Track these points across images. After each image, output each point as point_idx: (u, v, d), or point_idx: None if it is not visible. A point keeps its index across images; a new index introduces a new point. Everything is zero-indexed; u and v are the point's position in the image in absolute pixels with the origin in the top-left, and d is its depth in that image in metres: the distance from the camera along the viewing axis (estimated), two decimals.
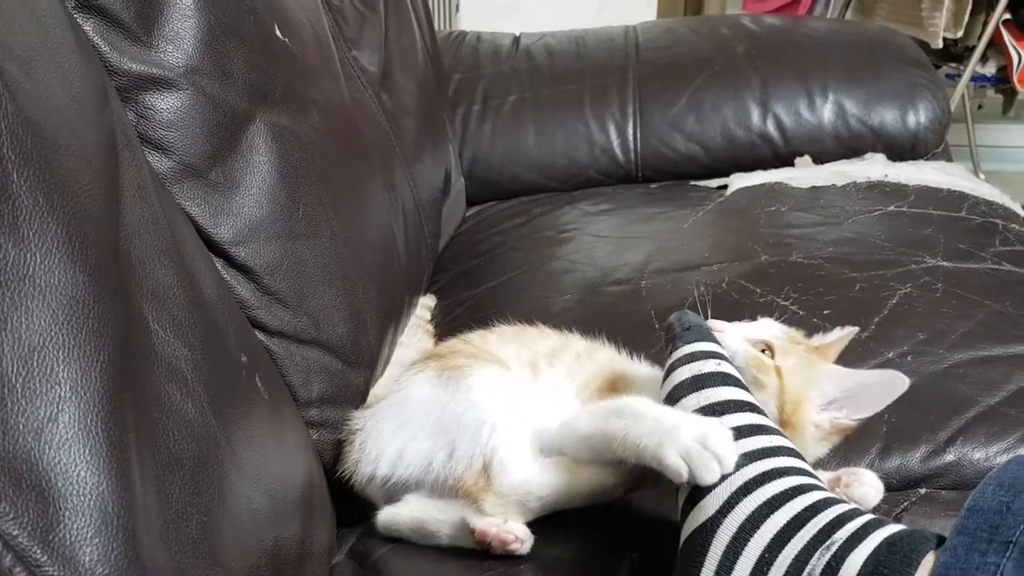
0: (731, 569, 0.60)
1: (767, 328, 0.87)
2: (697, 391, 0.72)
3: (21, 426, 0.46)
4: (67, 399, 0.49)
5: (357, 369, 0.96)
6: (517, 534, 0.75)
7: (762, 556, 0.59)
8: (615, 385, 0.86)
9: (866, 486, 0.76)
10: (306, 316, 0.88)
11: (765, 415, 0.71)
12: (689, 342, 0.78)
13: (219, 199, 0.81)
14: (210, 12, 0.82)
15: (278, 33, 0.94)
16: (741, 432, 0.67)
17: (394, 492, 0.86)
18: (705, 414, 0.70)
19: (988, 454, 0.88)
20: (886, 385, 0.82)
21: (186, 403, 0.60)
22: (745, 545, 0.61)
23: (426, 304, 1.27)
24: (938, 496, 0.84)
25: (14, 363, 0.47)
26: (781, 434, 0.70)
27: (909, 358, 0.97)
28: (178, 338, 0.62)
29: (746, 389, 0.73)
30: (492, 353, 0.91)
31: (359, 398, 0.96)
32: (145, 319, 0.60)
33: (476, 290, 1.27)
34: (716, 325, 0.83)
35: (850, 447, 0.90)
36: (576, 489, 0.78)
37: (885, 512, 0.81)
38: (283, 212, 0.87)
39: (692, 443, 0.67)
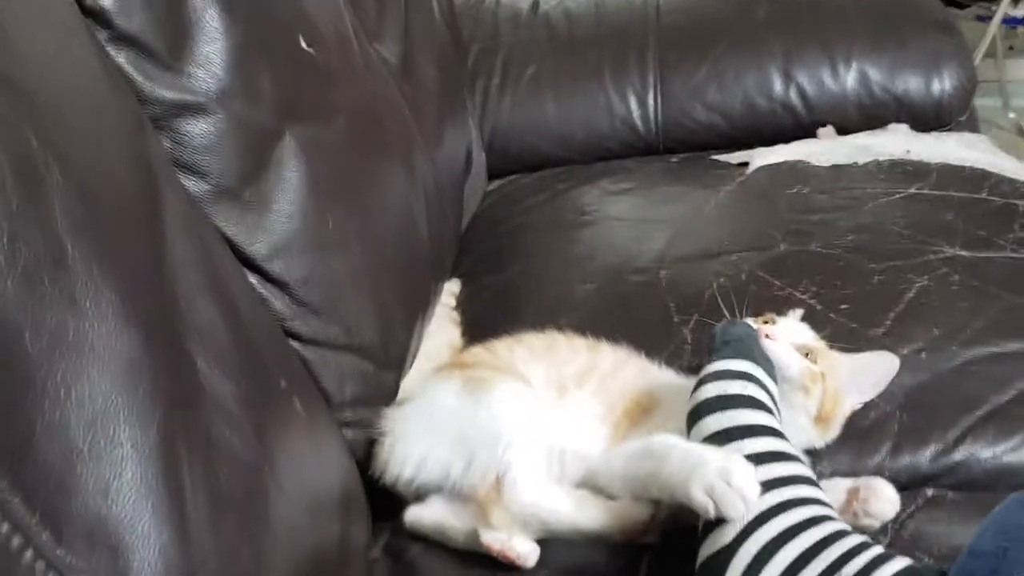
0: None
1: (803, 330, 0.92)
2: (721, 411, 0.75)
3: (90, 487, 0.50)
4: (128, 457, 0.52)
5: (388, 369, 1.00)
6: (519, 551, 0.80)
7: None
8: (640, 402, 0.89)
9: (883, 501, 0.80)
10: (338, 324, 0.92)
11: (784, 439, 0.74)
12: (723, 358, 0.81)
13: (253, 217, 0.84)
14: (237, 31, 0.84)
15: (303, 44, 0.96)
16: (761, 459, 0.71)
17: (420, 493, 0.91)
18: (726, 437, 0.73)
19: (995, 453, 0.91)
20: (881, 366, 0.93)
21: (234, 439, 0.64)
22: (759, 574, 0.64)
23: (451, 290, 1.30)
24: (945, 498, 0.87)
25: (80, 430, 0.51)
26: (799, 460, 0.73)
27: (923, 355, 1.00)
28: (224, 374, 0.66)
29: (769, 411, 0.76)
30: (518, 369, 0.94)
31: (390, 395, 1.01)
32: (193, 360, 0.64)
33: (499, 275, 1.30)
34: (770, 335, 0.87)
35: (863, 446, 0.93)
36: (581, 525, 0.82)
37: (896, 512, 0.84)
38: (313, 225, 0.90)
39: (717, 480, 0.70)
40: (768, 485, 0.69)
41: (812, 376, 0.86)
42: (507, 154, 1.75)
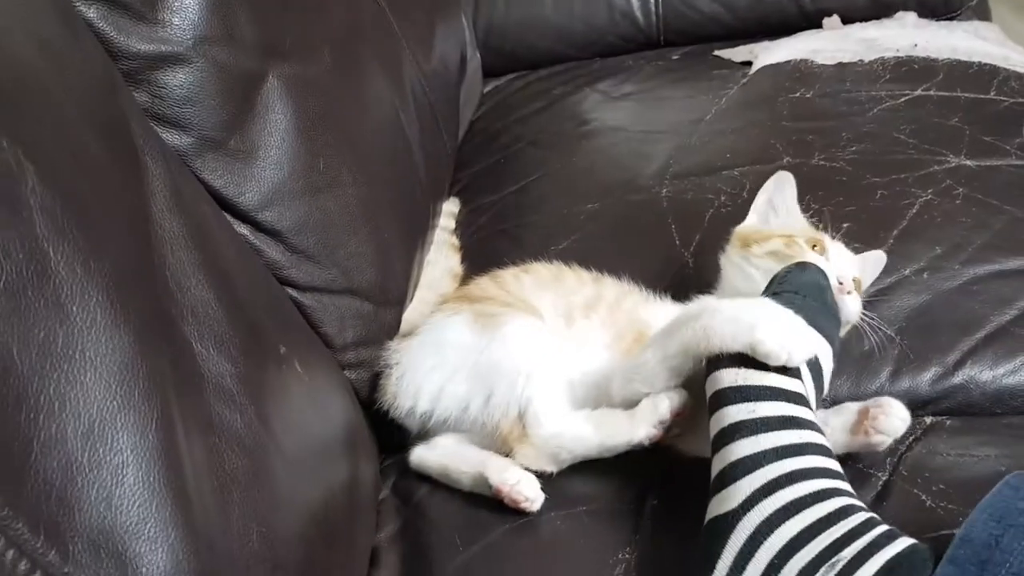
0: (742, 570, 0.65)
1: (848, 256, 0.94)
2: (738, 366, 0.75)
3: (92, 498, 0.51)
4: (128, 463, 0.53)
5: (388, 307, 1.00)
6: (527, 495, 0.81)
7: (771, 562, 0.64)
8: (645, 334, 0.89)
9: (892, 417, 0.80)
10: (335, 267, 0.91)
11: (803, 403, 0.74)
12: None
13: (241, 167, 0.82)
14: None
15: None
16: (770, 425, 0.70)
17: (432, 427, 0.92)
18: (740, 396, 0.73)
19: (995, 376, 0.92)
20: (874, 263, 0.97)
21: (235, 419, 0.64)
22: (758, 548, 0.65)
23: (450, 211, 1.28)
24: (944, 426, 0.88)
25: (78, 441, 0.51)
26: (814, 427, 0.72)
27: (925, 275, 0.99)
28: (221, 354, 0.65)
29: (789, 373, 0.75)
30: (527, 301, 0.93)
31: (392, 334, 1.00)
32: (189, 343, 0.63)
33: (498, 194, 1.28)
34: (844, 285, 0.87)
35: (862, 371, 0.94)
36: (606, 443, 0.83)
37: (895, 443, 0.85)
38: (304, 168, 0.88)
39: (790, 326, 0.74)
40: (779, 452, 0.69)
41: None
42: (503, 52, 1.70)
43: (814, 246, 0.92)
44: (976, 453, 0.83)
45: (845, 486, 0.69)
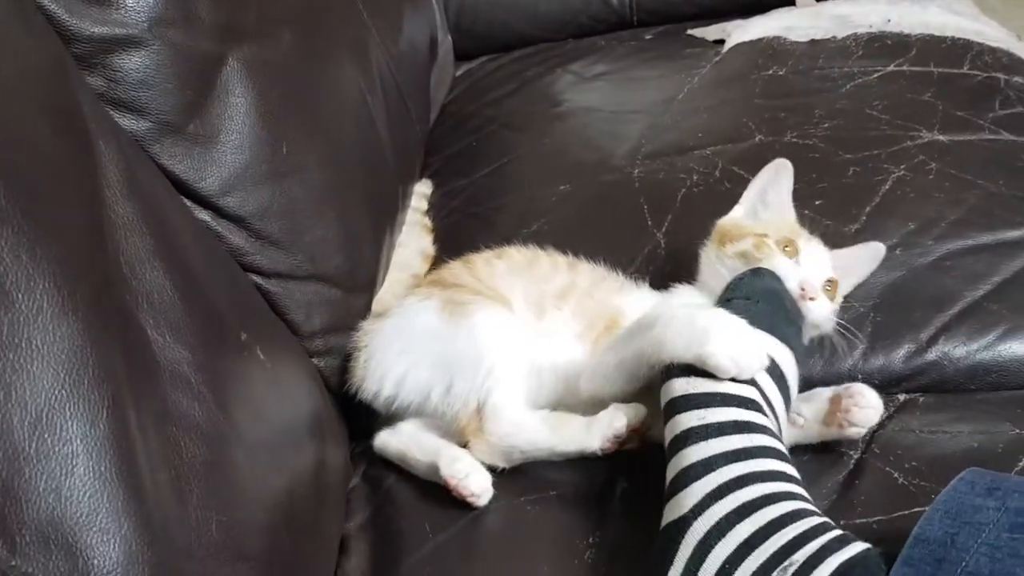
0: (694, 575, 0.64)
1: (823, 255, 0.91)
2: (689, 375, 0.74)
3: (41, 488, 0.50)
4: (79, 453, 0.51)
5: (357, 293, 0.98)
6: (473, 490, 0.80)
7: (723, 566, 0.63)
8: (617, 321, 0.88)
9: (866, 409, 0.80)
10: (301, 253, 0.90)
11: (756, 408, 0.73)
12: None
13: (201, 152, 0.80)
14: None
15: None
16: (721, 430, 0.70)
17: (397, 410, 0.92)
18: (691, 404, 0.73)
19: (969, 351, 0.91)
20: (870, 255, 0.95)
21: (193, 407, 0.63)
22: (710, 551, 0.64)
23: (422, 192, 1.27)
24: (917, 403, 0.87)
25: (24, 431, 0.49)
26: (767, 431, 0.72)
27: (898, 251, 0.98)
28: (178, 341, 0.64)
29: (742, 380, 0.74)
30: (497, 290, 0.92)
31: (361, 319, 0.99)
32: (144, 330, 0.62)
33: (470, 177, 1.26)
34: (812, 295, 0.86)
35: (836, 349, 0.93)
36: (559, 448, 0.83)
37: None
38: (267, 152, 0.87)
39: (739, 339, 0.73)
40: (729, 457, 0.68)
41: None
42: (475, 34, 1.69)
43: (786, 247, 0.89)
44: (949, 430, 0.83)
45: (798, 489, 0.68)
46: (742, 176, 1.09)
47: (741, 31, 1.45)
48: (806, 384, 0.86)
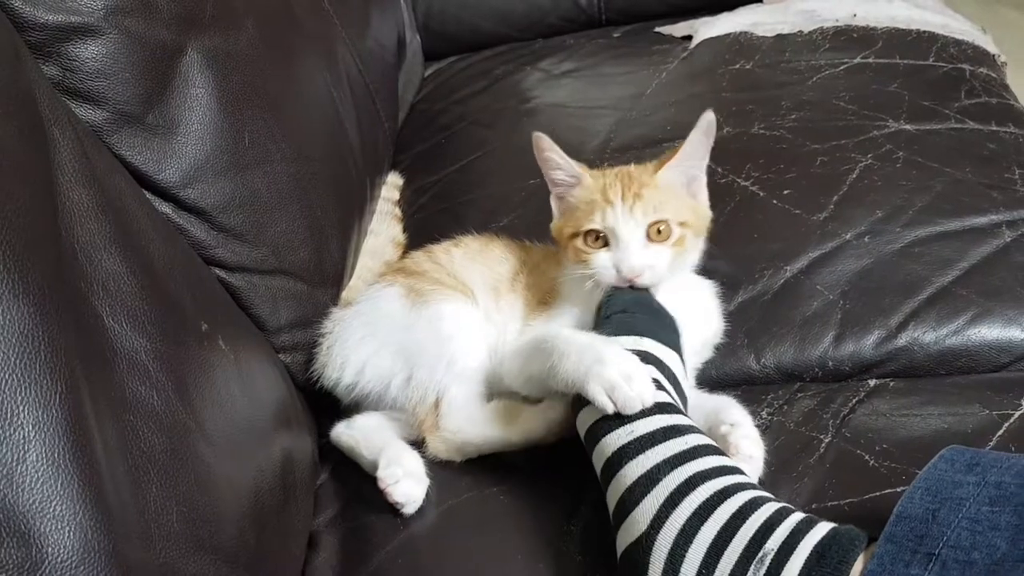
0: None
1: (641, 209, 0.84)
2: None
3: None
4: (31, 439, 0.50)
5: (323, 287, 0.97)
6: (397, 498, 0.79)
7: (699, 573, 0.62)
8: (551, 293, 0.89)
9: (744, 453, 0.75)
10: (266, 246, 0.88)
11: (675, 411, 0.72)
12: (609, 335, 0.79)
13: (160, 143, 0.79)
14: None
15: None
16: (654, 439, 0.69)
17: (359, 399, 0.91)
18: (616, 422, 0.72)
19: (938, 337, 0.91)
20: (700, 132, 0.87)
21: (151, 396, 0.61)
22: (683, 560, 0.63)
23: (394, 183, 1.26)
24: (887, 387, 0.87)
25: None
26: (695, 430, 0.71)
27: (866, 239, 0.99)
28: (135, 329, 0.62)
29: (662, 387, 0.74)
30: (457, 277, 0.91)
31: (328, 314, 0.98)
32: (100, 317, 0.60)
33: (439, 174, 1.25)
34: (635, 283, 0.84)
35: (806, 336, 0.93)
36: (512, 439, 0.82)
37: (838, 406, 0.85)
38: (229, 144, 0.85)
39: (619, 380, 0.71)
40: (671, 463, 0.67)
41: (681, 257, 0.86)
42: (444, 35, 1.68)
43: (597, 238, 0.85)
44: (919, 412, 0.83)
45: (745, 479, 0.68)
46: (711, 167, 1.09)
47: (708, 27, 1.46)
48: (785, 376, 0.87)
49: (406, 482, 0.80)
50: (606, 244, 0.85)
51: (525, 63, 1.50)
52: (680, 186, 0.88)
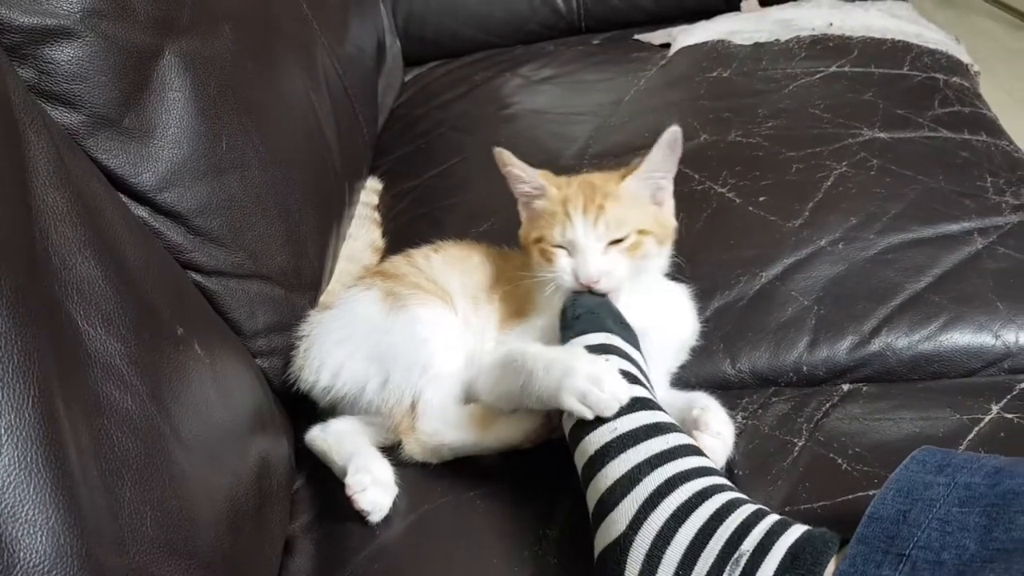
0: None
1: (605, 220, 0.85)
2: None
3: None
4: (3, 443, 0.50)
5: (301, 292, 0.97)
6: (363, 506, 0.79)
7: (676, 573, 0.62)
8: (525, 303, 0.89)
9: (713, 430, 0.77)
10: (242, 251, 0.88)
11: (655, 407, 0.73)
12: (579, 332, 0.80)
13: (136, 146, 0.79)
14: None
15: None
16: (636, 437, 0.70)
17: (334, 403, 0.91)
18: (600, 419, 0.72)
19: (911, 342, 0.92)
20: (664, 146, 0.87)
21: (125, 400, 0.61)
22: (660, 562, 0.63)
23: (373, 188, 1.26)
24: (860, 392, 0.88)
25: None
26: (676, 428, 0.72)
27: (840, 245, 1.00)
28: (109, 333, 0.62)
29: (637, 381, 0.75)
30: (436, 282, 0.92)
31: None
32: (74, 321, 0.60)
33: (419, 179, 1.26)
34: (595, 289, 0.85)
35: (780, 342, 0.94)
36: (487, 443, 0.83)
37: (812, 411, 0.85)
38: (206, 148, 0.85)
39: (589, 387, 0.72)
40: (651, 463, 0.68)
41: (642, 262, 0.87)
42: (424, 41, 1.69)
43: (560, 246, 0.86)
44: (892, 417, 0.84)
45: (723, 480, 0.68)
46: (687, 174, 1.10)
47: (686, 35, 1.47)
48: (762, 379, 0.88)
49: (373, 490, 0.80)
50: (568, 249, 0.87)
51: (505, 69, 1.50)
52: (644, 196, 0.89)
